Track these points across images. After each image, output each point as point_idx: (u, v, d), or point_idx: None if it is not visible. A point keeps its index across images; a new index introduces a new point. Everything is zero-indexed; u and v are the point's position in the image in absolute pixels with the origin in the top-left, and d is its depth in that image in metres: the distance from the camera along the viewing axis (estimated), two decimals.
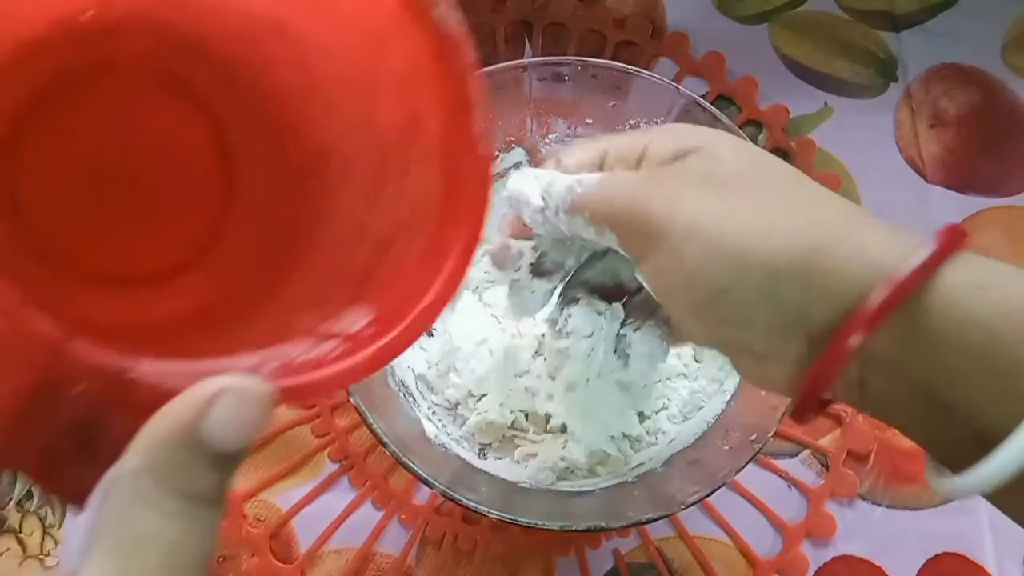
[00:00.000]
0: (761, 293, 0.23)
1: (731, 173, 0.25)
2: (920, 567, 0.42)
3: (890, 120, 0.47)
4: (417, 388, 0.38)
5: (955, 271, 0.22)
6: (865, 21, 0.48)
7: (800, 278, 0.23)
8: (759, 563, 0.41)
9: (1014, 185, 0.46)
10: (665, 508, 0.34)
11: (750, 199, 0.25)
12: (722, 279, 0.24)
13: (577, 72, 0.38)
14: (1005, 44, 0.48)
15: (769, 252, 0.23)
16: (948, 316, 0.21)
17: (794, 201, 0.25)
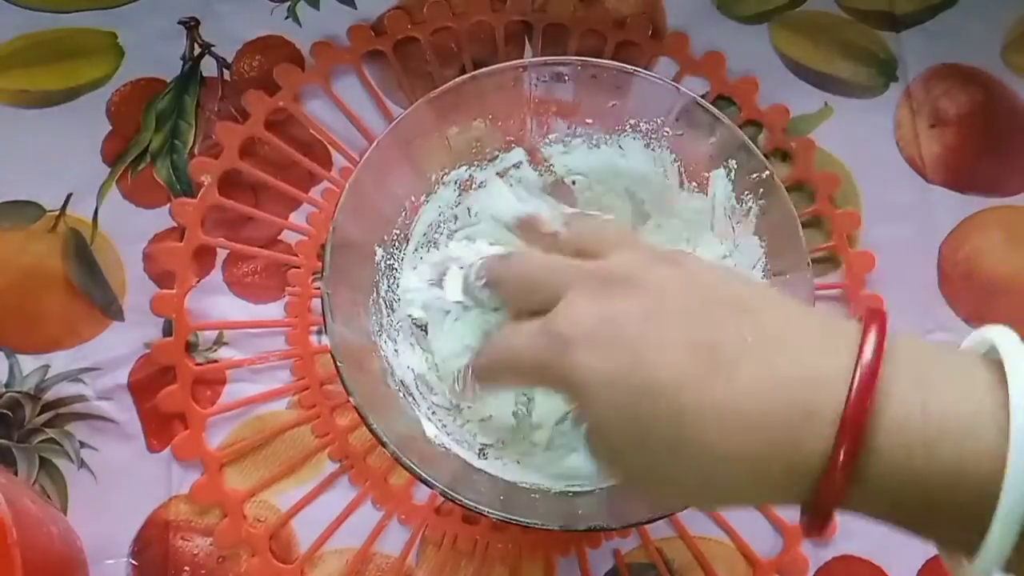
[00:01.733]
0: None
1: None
2: (920, 567, 0.42)
3: (890, 120, 0.47)
4: (417, 388, 0.38)
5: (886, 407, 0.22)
6: (865, 21, 0.48)
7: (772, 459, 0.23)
8: (759, 563, 0.41)
9: (1014, 185, 0.46)
10: (667, 507, 0.34)
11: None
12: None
13: (577, 72, 0.37)
14: (1005, 44, 0.48)
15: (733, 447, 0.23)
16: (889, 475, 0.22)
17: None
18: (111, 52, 0.46)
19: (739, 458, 0.23)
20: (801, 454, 0.22)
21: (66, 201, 0.44)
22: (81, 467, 0.41)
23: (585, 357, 0.25)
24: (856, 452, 0.22)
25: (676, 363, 0.24)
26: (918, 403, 0.22)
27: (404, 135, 0.36)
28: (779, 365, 0.23)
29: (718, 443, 0.23)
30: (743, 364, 0.23)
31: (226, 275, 0.44)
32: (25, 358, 0.42)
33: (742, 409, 0.23)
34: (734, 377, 0.23)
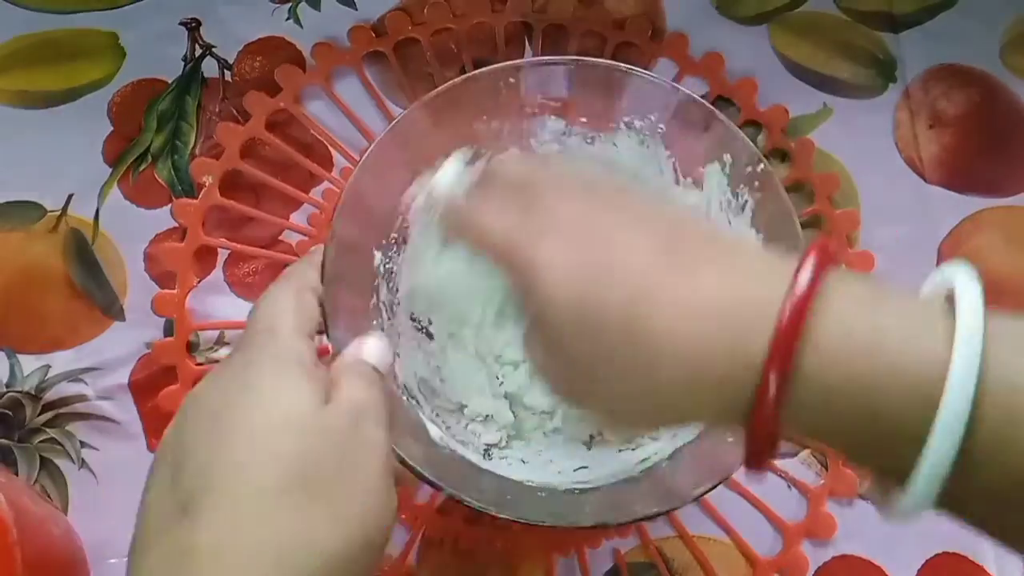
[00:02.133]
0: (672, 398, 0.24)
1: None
2: (920, 567, 0.42)
3: (889, 121, 0.47)
4: (420, 391, 0.38)
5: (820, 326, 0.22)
6: (864, 22, 0.48)
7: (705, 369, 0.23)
8: (759, 563, 0.41)
9: (1013, 185, 0.46)
10: (671, 502, 0.34)
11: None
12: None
13: (572, 71, 0.38)
14: (1004, 45, 0.48)
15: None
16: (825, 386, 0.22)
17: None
18: (112, 53, 0.46)
19: (687, 361, 0.23)
20: (746, 365, 0.22)
21: (67, 201, 0.44)
22: (82, 467, 0.41)
23: (550, 243, 0.25)
24: (787, 370, 0.22)
25: (644, 254, 0.24)
26: (861, 320, 0.22)
27: (401, 137, 0.36)
28: (737, 280, 0.23)
29: (669, 341, 0.23)
30: (707, 268, 0.24)
31: (227, 275, 0.44)
32: (26, 358, 0.42)
33: (695, 306, 0.23)
34: (695, 275, 0.23)
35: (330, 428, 0.25)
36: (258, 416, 0.24)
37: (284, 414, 0.24)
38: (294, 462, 0.23)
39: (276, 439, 0.24)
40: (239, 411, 0.24)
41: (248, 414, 0.24)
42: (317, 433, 0.24)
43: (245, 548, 0.22)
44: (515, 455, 0.38)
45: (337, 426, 0.25)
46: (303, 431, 0.24)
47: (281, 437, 0.24)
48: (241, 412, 0.24)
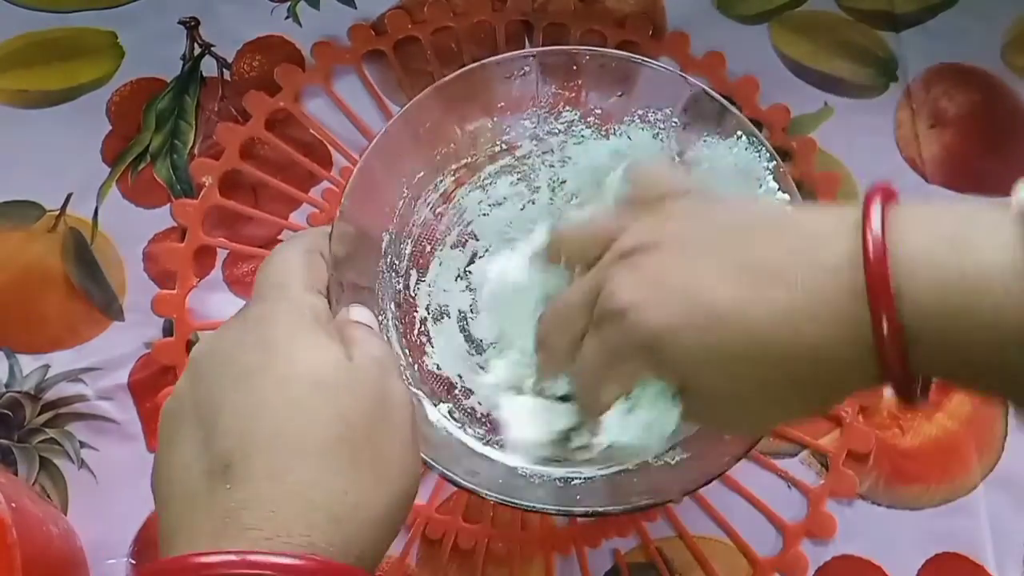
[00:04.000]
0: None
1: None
2: (920, 567, 0.42)
3: (890, 120, 0.47)
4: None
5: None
6: (865, 21, 0.48)
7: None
8: (759, 563, 0.41)
9: (1014, 185, 0.46)
10: (665, 495, 0.34)
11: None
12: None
13: (585, 62, 0.37)
14: (1005, 44, 0.48)
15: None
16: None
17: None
18: (111, 52, 0.46)
19: (814, 350, 0.24)
20: (860, 330, 0.23)
21: (66, 201, 0.44)
22: (81, 467, 0.41)
23: (643, 316, 0.26)
24: (888, 312, 0.22)
25: (727, 288, 0.25)
26: (943, 261, 0.22)
27: (413, 122, 0.36)
28: (819, 258, 0.24)
29: (795, 339, 0.24)
30: (788, 266, 0.24)
31: (226, 275, 0.44)
32: (25, 358, 0.42)
33: (802, 306, 0.24)
34: (785, 279, 0.24)
35: (361, 383, 0.25)
36: (290, 375, 0.24)
37: (314, 373, 0.24)
38: (332, 422, 0.24)
39: (311, 399, 0.24)
40: (267, 370, 0.24)
41: (278, 374, 0.24)
42: (349, 391, 0.24)
43: (295, 503, 0.22)
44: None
45: (366, 380, 0.25)
46: (336, 389, 0.24)
47: (316, 397, 0.24)
48: (270, 372, 0.24)
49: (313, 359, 0.25)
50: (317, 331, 0.25)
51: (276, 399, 0.24)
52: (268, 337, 0.25)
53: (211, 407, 0.24)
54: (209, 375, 0.25)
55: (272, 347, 0.25)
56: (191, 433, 0.24)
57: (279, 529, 0.22)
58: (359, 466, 0.23)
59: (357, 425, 0.24)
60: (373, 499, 0.24)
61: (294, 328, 0.25)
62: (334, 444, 0.23)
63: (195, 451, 0.24)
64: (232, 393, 0.24)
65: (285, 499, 0.22)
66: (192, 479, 0.23)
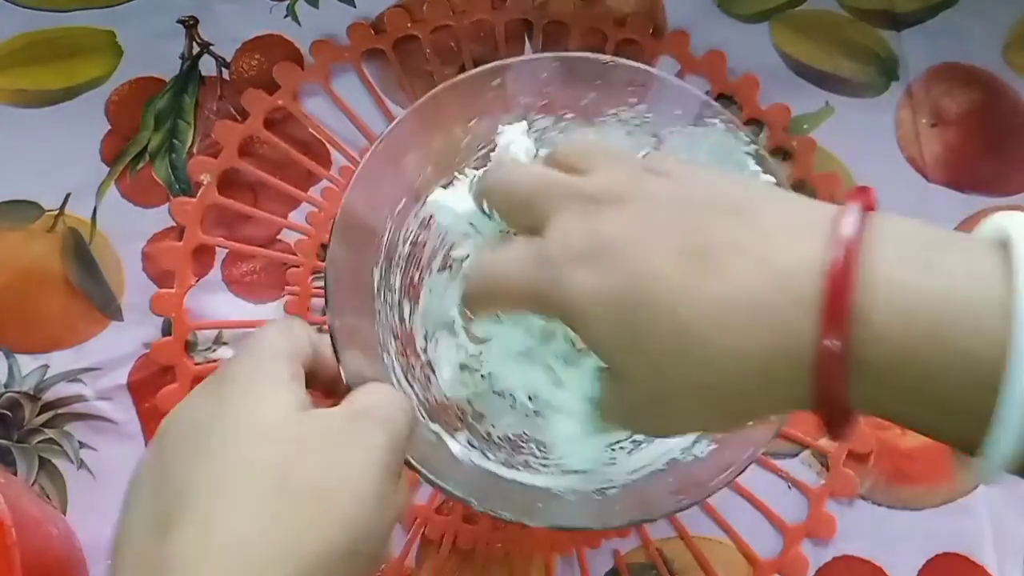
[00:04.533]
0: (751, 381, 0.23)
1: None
2: (920, 567, 0.42)
3: (891, 119, 0.47)
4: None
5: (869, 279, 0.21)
6: (866, 20, 0.48)
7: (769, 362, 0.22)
8: (759, 563, 0.41)
9: (1015, 184, 0.46)
10: (703, 490, 0.33)
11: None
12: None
13: (556, 68, 0.37)
14: (1006, 43, 0.48)
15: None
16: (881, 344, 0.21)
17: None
18: (110, 51, 0.46)
19: (742, 356, 0.22)
20: (799, 344, 0.21)
21: (65, 200, 0.44)
22: (80, 467, 0.41)
23: (578, 278, 0.24)
24: (842, 331, 0.21)
25: (667, 269, 0.23)
26: (916, 282, 0.21)
27: (391, 150, 0.36)
28: (770, 257, 0.22)
29: (718, 340, 0.22)
30: (733, 261, 0.23)
31: (225, 274, 0.44)
32: (24, 358, 0.42)
33: (736, 304, 0.22)
34: (725, 274, 0.23)
35: (309, 434, 0.24)
36: (231, 429, 0.24)
37: (257, 425, 0.24)
38: (268, 470, 0.23)
39: (249, 449, 0.23)
40: (212, 428, 0.24)
41: (222, 429, 0.24)
42: (292, 440, 0.24)
43: (219, 557, 0.22)
44: (538, 461, 0.38)
45: (318, 432, 0.24)
46: (277, 439, 0.24)
47: (254, 447, 0.23)
48: (214, 429, 0.24)
49: (259, 412, 0.24)
50: (271, 388, 0.25)
51: (218, 451, 0.23)
52: (222, 398, 0.25)
53: (162, 466, 0.24)
54: (167, 438, 0.25)
55: (224, 405, 0.25)
56: (145, 493, 0.24)
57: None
58: (293, 513, 0.23)
59: (298, 474, 0.23)
60: (304, 549, 0.22)
61: (248, 387, 0.25)
62: (268, 490, 0.23)
63: (144, 510, 0.24)
64: (182, 447, 0.24)
65: (204, 548, 0.22)
66: (135, 538, 0.23)
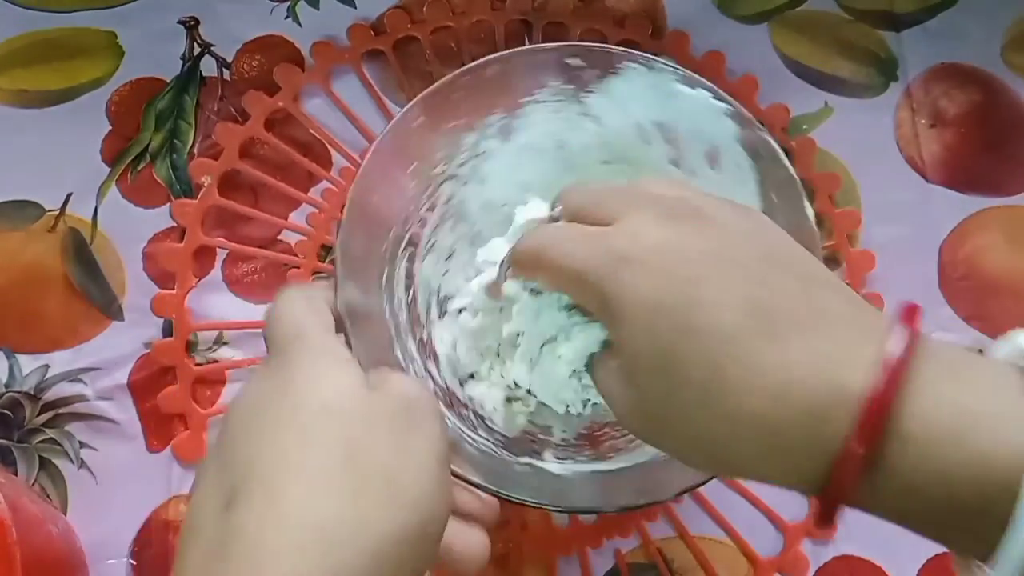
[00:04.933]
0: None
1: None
2: (920, 567, 0.42)
3: (890, 120, 0.47)
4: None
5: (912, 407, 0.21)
6: (865, 20, 0.48)
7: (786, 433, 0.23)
8: (759, 563, 0.41)
9: (1015, 185, 0.46)
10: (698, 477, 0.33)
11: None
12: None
13: (560, 56, 0.37)
14: (1005, 44, 0.48)
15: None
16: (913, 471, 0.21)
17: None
18: (111, 52, 0.46)
19: (766, 424, 0.22)
20: (827, 431, 0.22)
21: (66, 201, 0.44)
22: (81, 467, 0.41)
23: (637, 279, 0.24)
24: (877, 433, 0.21)
25: (732, 313, 0.23)
26: (949, 396, 0.21)
27: (399, 141, 0.36)
28: (827, 343, 0.23)
29: (749, 404, 0.22)
30: (795, 335, 0.23)
31: (226, 275, 0.44)
32: (25, 358, 0.42)
33: (784, 378, 0.22)
34: (786, 346, 0.23)
35: (378, 414, 0.24)
36: (298, 406, 0.24)
37: (324, 399, 0.24)
38: (337, 446, 0.23)
39: (317, 425, 0.23)
40: (279, 405, 0.24)
41: (288, 405, 0.24)
42: (362, 418, 0.24)
43: (289, 529, 0.21)
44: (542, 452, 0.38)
45: (386, 412, 0.24)
46: (346, 415, 0.23)
47: (323, 423, 0.23)
48: (281, 405, 0.24)
49: (325, 387, 0.24)
50: (334, 363, 0.25)
51: (284, 426, 0.23)
52: (285, 374, 0.25)
53: (229, 442, 0.24)
54: (231, 420, 0.25)
55: (287, 382, 0.24)
56: (212, 474, 0.24)
57: (265, 557, 0.21)
58: (363, 492, 0.22)
59: (366, 451, 0.23)
60: (376, 527, 0.22)
61: (311, 364, 0.25)
62: (337, 466, 0.22)
63: (211, 485, 0.24)
64: (247, 425, 0.24)
65: (276, 524, 0.21)
66: (202, 511, 0.23)
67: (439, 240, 0.39)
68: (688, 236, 0.25)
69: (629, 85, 0.36)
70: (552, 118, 0.38)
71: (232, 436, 0.24)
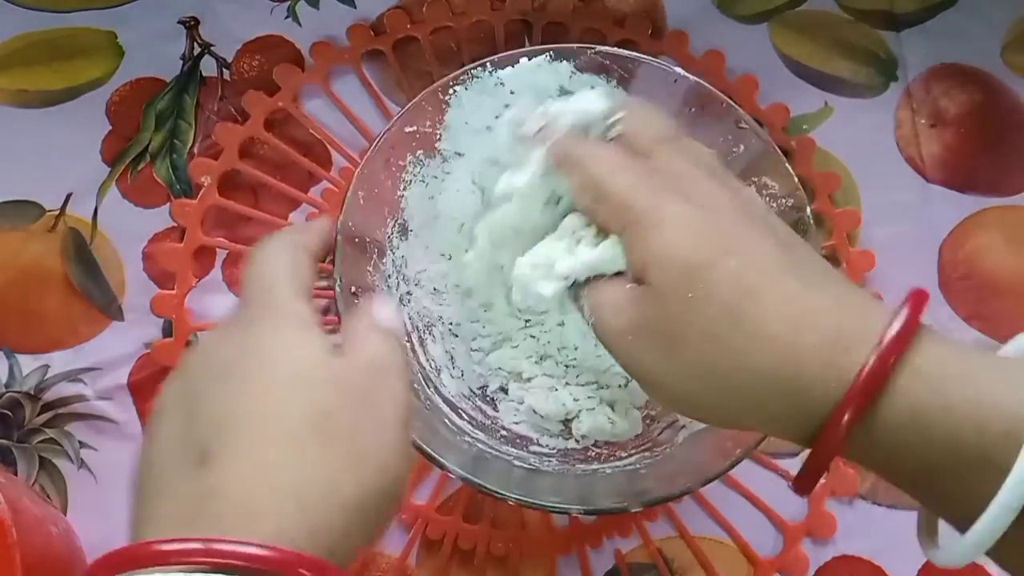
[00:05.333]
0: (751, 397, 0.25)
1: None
2: (920, 567, 0.42)
3: (890, 120, 0.47)
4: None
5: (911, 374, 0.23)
6: (865, 20, 0.48)
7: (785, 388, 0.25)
8: (760, 563, 0.41)
9: (1014, 185, 0.46)
10: (692, 482, 0.33)
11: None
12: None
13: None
14: (1005, 44, 0.48)
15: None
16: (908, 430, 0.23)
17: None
18: (111, 52, 0.46)
19: (775, 353, 0.24)
20: (844, 362, 0.23)
21: (66, 201, 0.44)
22: (81, 467, 0.41)
23: (679, 206, 0.26)
24: (864, 406, 0.23)
25: (765, 247, 0.26)
26: (958, 352, 0.23)
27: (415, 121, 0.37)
28: (840, 304, 0.25)
29: (774, 327, 0.24)
30: (817, 284, 0.25)
31: (226, 275, 0.44)
32: (25, 358, 0.42)
33: (801, 315, 0.24)
34: (810, 285, 0.25)
35: (342, 378, 0.25)
36: (269, 366, 0.24)
37: (293, 365, 0.24)
38: (308, 412, 0.24)
39: (287, 389, 0.24)
40: (249, 366, 0.24)
41: (258, 368, 0.24)
42: (328, 383, 0.24)
43: (266, 491, 0.22)
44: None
45: (350, 377, 0.25)
46: (313, 382, 0.24)
47: (292, 386, 0.24)
48: (251, 367, 0.24)
49: (293, 354, 0.25)
50: (301, 330, 0.26)
51: (254, 388, 0.24)
52: (252, 335, 0.25)
53: (194, 398, 0.24)
54: (195, 371, 0.25)
55: (255, 344, 0.25)
56: (174, 424, 0.24)
57: (247, 515, 0.22)
58: (333, 455, 0.23)
59: (334, 416, 0.24)
60: (346, 488, 0.23)
61: (278, 328, 0.26)
62: (308, 432, 0.23)
63: (175, 441, 0.24)
64: (214, 384, 0.24)
65: (254, 484, 0.22)
66: (168, 467, 0.23)
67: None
68: (726, 192, 0.27)
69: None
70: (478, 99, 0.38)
71: (198, 391, 0.24)
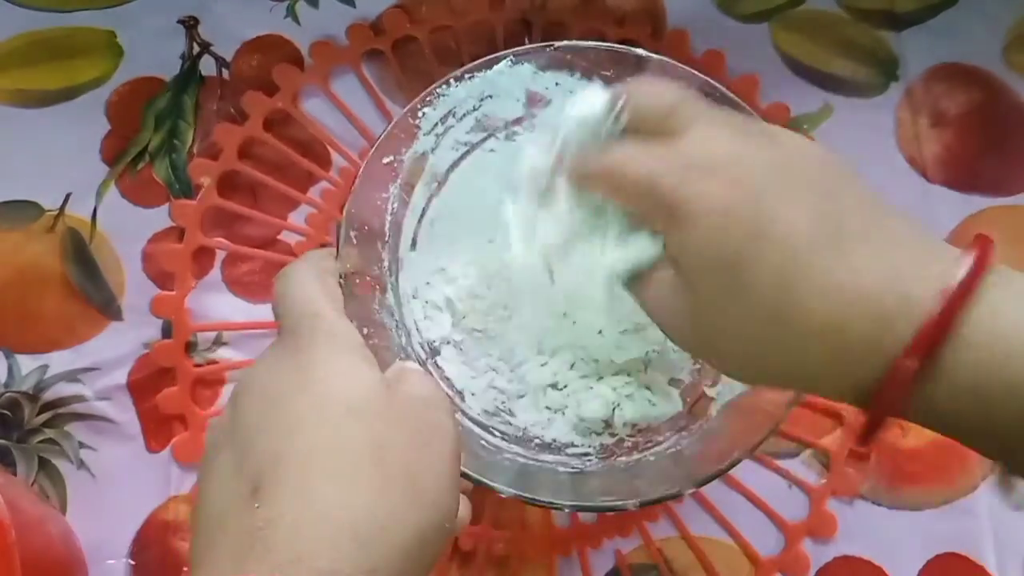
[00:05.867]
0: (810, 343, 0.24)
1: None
2: (921, 567, 0.42)
3: (891, 119, 0.47)
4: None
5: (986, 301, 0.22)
6: (866, 20, 0.48)
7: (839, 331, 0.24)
8: (760, 562, 0.41)
9: (1015, 185, 0.46)
10: (690, 482, 0.33)
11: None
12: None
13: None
14: (1006, 43, 0.48)
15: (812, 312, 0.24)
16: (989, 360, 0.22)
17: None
18: (110, 51, 0.46)
19: (829, 328, 0.23)
20: (888, 338, 0.23)
21: (65, 201, 0.44)
22: (80, 467, 0.41)
23: (705, 186, 0.25)
24: (941, 334, 0.22)
25: (799, 222, 0.24)
26: (1014, 318, 0.22)
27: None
28: (893, 257, 0.24)
29: (817, 307, 0.23)
30: (863, 246, 0.24)
31: (225, 275, 0.44)
32: (24, 358, 0.42)
33: (850, 284, 0.23)
34: (853, 256, 0.23)
35: (399, 414, 0.24)
36: (324, 398, 0.24)
37: (349, 397, 0.24)
38: (364, 445, 0.23)
39: (344, 422, 0.23)
40: (302, 393, 0.24)
41: (312, 399, 0.24)
42: (384, 417, 0.24)
43: (324, 526, 0.22)
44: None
45: (402, 410, 0.25)
46: (370, 414, 0.24)
47: (349, 420, 0.24)
48: (305, 394, 0.24)
49: (348, 384, 0.24)
50: (353, 357, 0.25)
51: (309, 420, 0.23)
52: (304, 363, 0.25)
53: (247, 431, 0.24)
54: (246, 402, 0.25)
55: (308, 372, 0.24)
56: (227, 459, 0.24)
57: (304, 551, 0.21)
58: (390, 491, 0.23)
59: (390, 451, 0.23)
60: (403, 525, 0.23)
61: (330, 354, 0.25)
62: (365, 467, 0.23)
63: (229, 475, 0.24)
64: (267, 416, 0.24)
65: (311, 519, 0.22)
66: (223, 502, 0.23)
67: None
68: (758, 149, 0.25)
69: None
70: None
71: (249, 424, 0.24)
